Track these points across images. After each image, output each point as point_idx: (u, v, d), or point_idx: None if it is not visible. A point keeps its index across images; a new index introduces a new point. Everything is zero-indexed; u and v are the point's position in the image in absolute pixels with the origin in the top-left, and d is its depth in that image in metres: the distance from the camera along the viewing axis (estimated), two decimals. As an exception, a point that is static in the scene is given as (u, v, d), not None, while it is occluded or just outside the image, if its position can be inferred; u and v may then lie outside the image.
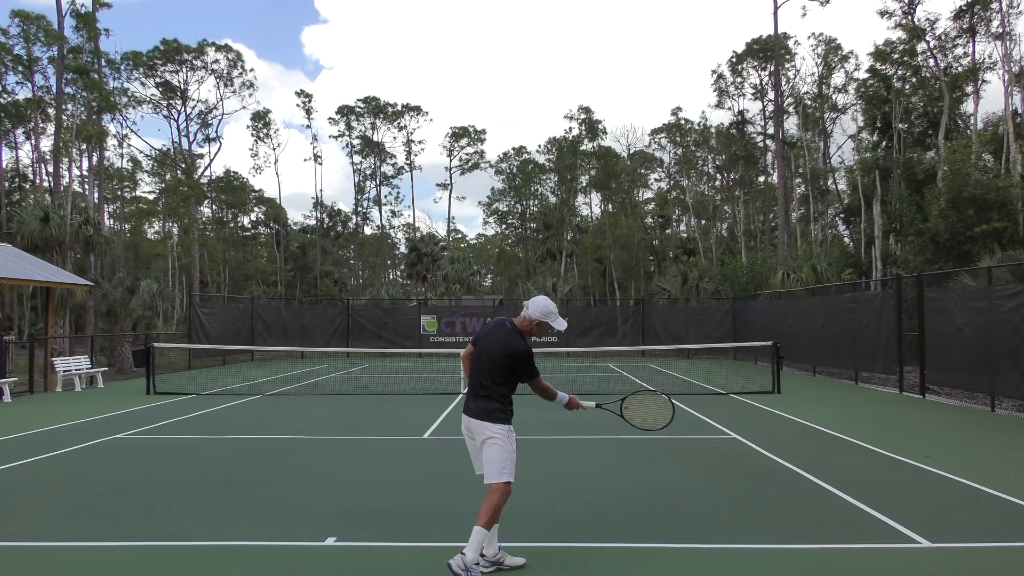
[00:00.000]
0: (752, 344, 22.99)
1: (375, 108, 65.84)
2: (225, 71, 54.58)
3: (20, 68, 41.85)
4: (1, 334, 20.51)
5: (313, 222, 70.99)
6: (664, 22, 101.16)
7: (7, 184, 45.48)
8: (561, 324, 5.03)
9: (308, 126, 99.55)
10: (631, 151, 58.27)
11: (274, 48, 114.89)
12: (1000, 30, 34.96)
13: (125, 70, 50.68)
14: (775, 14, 36.86)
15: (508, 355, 4.84)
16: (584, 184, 60.00)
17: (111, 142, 51.54)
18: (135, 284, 30.23)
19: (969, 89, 37.62)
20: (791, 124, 49.74)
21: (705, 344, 27.90)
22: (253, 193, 66.42)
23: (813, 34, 68.64)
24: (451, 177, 68.29)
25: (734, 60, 52.52)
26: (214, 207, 61.49)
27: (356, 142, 66.42)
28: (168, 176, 56.97)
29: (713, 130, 55.88)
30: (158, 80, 53.13)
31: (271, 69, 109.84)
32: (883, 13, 38.40)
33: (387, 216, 70.74)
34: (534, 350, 5.02)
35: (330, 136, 76.95)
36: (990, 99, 77.54)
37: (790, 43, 49.02)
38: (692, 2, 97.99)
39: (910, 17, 37.88)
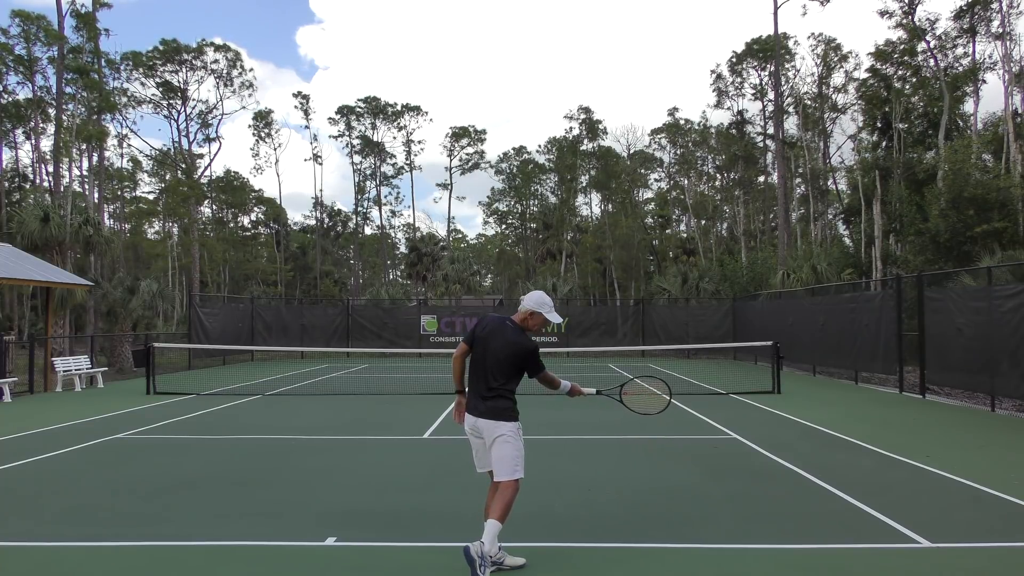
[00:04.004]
0: (752, 344, 22.99)
1: (375, 108, 65.84)
2: (225, 71, 54.60)
3: (20, 68, 41.82)
4: (1, 334, 20.51)
5: (313, 222, 71.04)
6: (664, 22, 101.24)
7: (7, 184, 45.45)
8: (555, 318, 5.07)
9: (306, 127, 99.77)
10: (631, 151, 58.32)
11: (269, 48, 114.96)
12: (1000, 30, 34.96)
13: (125, 70, 50.70)
14: (775, 14, 36.89)
15: (517, 355, 4.91)
16: (584, 184, 60.02)
17: (111, 142, 51.59)
18: (135, 284, 30.26)
19: (969, 89, 37.62)
20: (791, 124, 49.78)
21: (705, 344, 27.91)
22: (253, 193, 66.43)
23: (813, 34, 68.69)
24: (451, 177, 68.38)
25: (734, 60, 52.52)
26: (214, 207, 61.47)
27: (356, 142, 66.46)
28: (168, 176, 56.97)
29: (713, 130, 55.91)
30: (158, 80, 53.13)
31: (263, 68, 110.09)
32: (883, 13, 38.42)
33: (387, 216, 70.83)
34: (533, 349, 5.03)
35: (330, 136, 77.08)
36: (990, 99, 77.58)
37: (790, 43, 49.04)
38: (692, 2, 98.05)
39: (910, 17, 37.88)
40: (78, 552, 5.45)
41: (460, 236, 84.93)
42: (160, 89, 53.39)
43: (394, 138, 68.74)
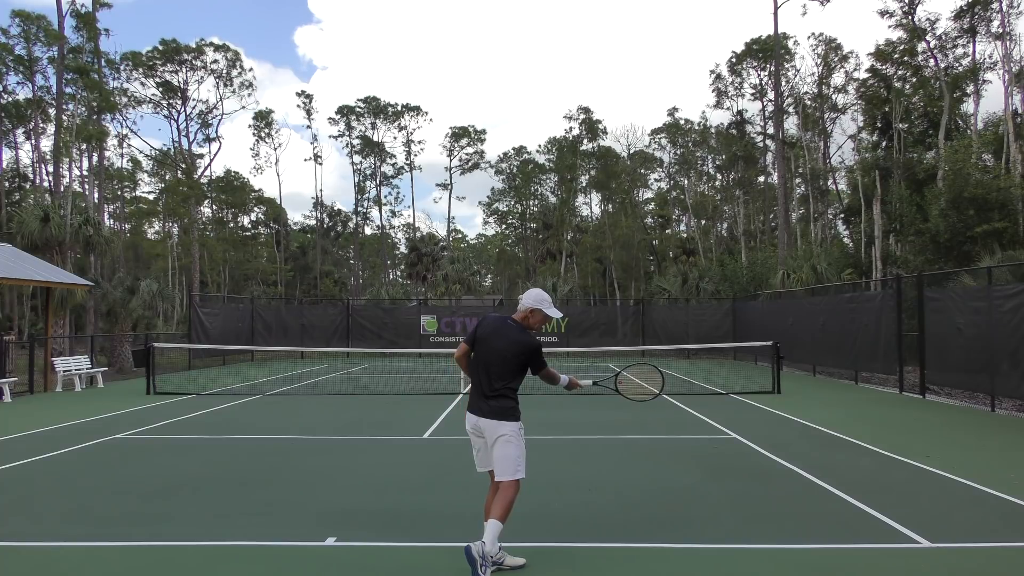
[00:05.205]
0: (752, 344, 22.99)
1: (375, 108, 65.85)
2: (224, 71, 54.63)
3: (20, 68, 41.84)
4: (1, 334, 20.50)
5: (313, 222, 71.06)
6: (664, 22, 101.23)
7: (7, 184, 45.46)
8: (555, 313, 5.10)
9: (308, 126, 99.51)
10: (631, 151, 58.29)
11: (267, 48, 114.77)
12: (1000, 30, 34.99)
13: (125, 70, 50.73)
14: (775, 14, 36.83)
15: (522, 353, 4.93)
16: (584, 184, 60.00)
17: (111, 142, 51.59)
18: (135, 284, 30.23)
19: (969, 89, 37.64)
20: (791, 124, 49.77)
21: (705, 344, 27.90)
22: (253, 193, 66.45)
23: (813, 34, 68.74)
24: (451, 177, 68.38)
25: (733, 60, 52.51)
26: (214, 207, 61.49)
27: (356, 142, 66.48)
28: (168, 176, 56.98)
29: (713, 130, 55.90)
30: (158, 80, 53.16)
31: (260, 68, 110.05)
32: (883, 13, 38.46)
33: (387, 216, 70.83)
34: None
35: (330, 136, 77.13)
36: (990, 99, 77.52)
37: (790, 43, 48.98)
38: (692, 2, 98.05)
39: (910, 17, 37.90)
40: (78, 552, 5.45)
41: (460, 236, 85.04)
42: (160, 89, 53.43)
43: (394, 138, 68.84)
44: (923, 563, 5.08)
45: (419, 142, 68.95)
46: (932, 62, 38.10)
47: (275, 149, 75.64)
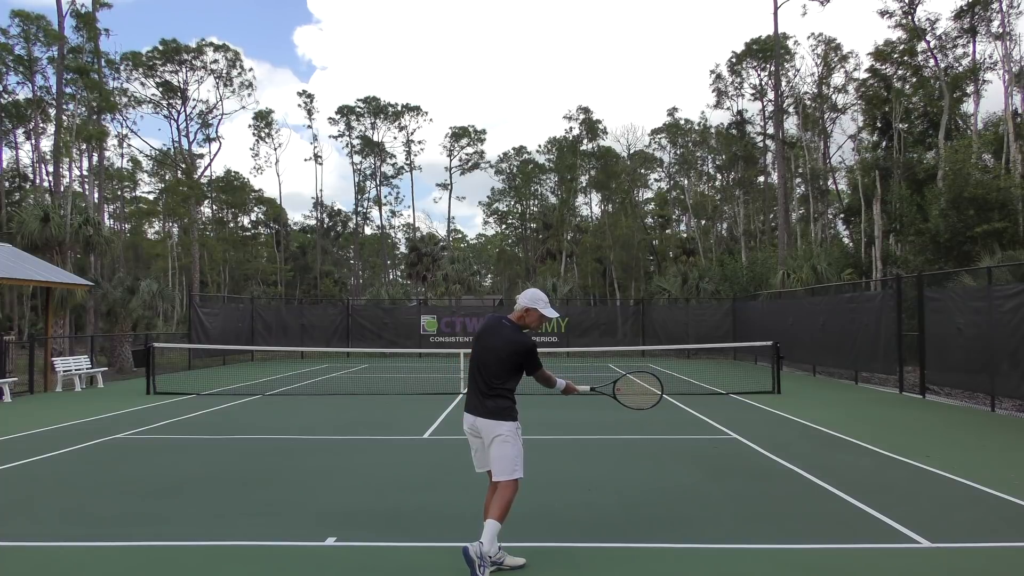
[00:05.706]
0: (752, 344, 22.99)
1: (375, 108, 65.85)
2: (224, 71, 54.62)
3: (20, 68, 41.84)
4: (1, 334, 20.50)
5: (313, 222, 71.06)
6: (664, 22, 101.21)
7: (7, 184, 45.46)
8: (551, 312, 5.10)
9: (308, 126, 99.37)
10: (631, 151, 58.28)
11: (266, 48, 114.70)
12: (1000, 30, 34.99)
13: (125, 70, 50.72)
14: (775, 14, 36.81)
15: (516, 352, 4.91)
16: (584, 184, 60.00)
17: (111, 142, 51.56)
18: (135, 284, 30.22)
19: (969, 89, 37.64)
20: (791, 124, 49.76)
21: (705, 344, 27.89)
22: (253, 193, 66.44)
23: (813, 34, 68.73)
24: (451, 177, 68.36)
25: (733, 60, 52.50)
26: (214, 207, 61.48)
27: (356, 142, 66.47)
28: (168, 176, 56.98)
29: (713, 130, 55.90)
30: (158, 80, 53.14)
31: (259, 68, 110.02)
32: (883, 13, 38.46)
33: (387, 216, 70.81)
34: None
35: (330, 136, 77.09)
36: (990, 99, 77.50)
37: (790, 43, 48.96)
38: (692, 2, 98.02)
39: (910, 17, 37.90)
40: (78, 552, 5.45)
41: (460, 236, 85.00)
42: (160, 89, 53.40)
43: (394, 138, 68.84)
44: (923, 563, 5.08)
45: (419, 142, 68.98)
46: (932, 62, 38.11)
47: (275, 149, 75.70)
